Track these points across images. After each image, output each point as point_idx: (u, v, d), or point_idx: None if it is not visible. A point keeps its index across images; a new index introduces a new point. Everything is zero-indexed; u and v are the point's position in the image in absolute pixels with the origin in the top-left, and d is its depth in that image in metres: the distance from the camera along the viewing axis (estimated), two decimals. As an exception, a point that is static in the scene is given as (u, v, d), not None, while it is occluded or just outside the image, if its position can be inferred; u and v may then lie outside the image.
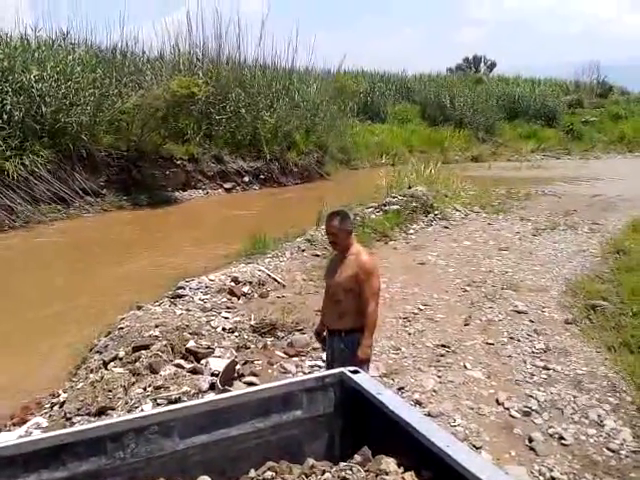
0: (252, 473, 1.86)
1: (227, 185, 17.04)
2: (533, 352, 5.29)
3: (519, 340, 5.58)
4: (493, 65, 52.65)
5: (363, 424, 1.95)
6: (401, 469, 1.72)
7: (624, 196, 14.73)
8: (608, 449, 3.70)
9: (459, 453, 1.54)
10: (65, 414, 3.96)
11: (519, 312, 6.36)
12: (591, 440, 3.82)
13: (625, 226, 10.89)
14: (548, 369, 4.91)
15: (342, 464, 1.81)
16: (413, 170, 14.91)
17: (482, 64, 52.91)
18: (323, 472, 1.80)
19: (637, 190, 15.01)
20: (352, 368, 2.12)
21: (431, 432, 1.65)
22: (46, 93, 13.59)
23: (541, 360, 5.11)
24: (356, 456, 1.84)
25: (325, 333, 3.82)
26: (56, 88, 13.86)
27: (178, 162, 16.06)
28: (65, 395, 4.36)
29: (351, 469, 1.79)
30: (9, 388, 4.80)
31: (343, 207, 5.05)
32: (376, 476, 1.73)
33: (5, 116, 12.57)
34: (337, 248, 3.77)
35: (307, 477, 1.80)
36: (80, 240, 11.26)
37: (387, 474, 1.72)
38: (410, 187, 12.98)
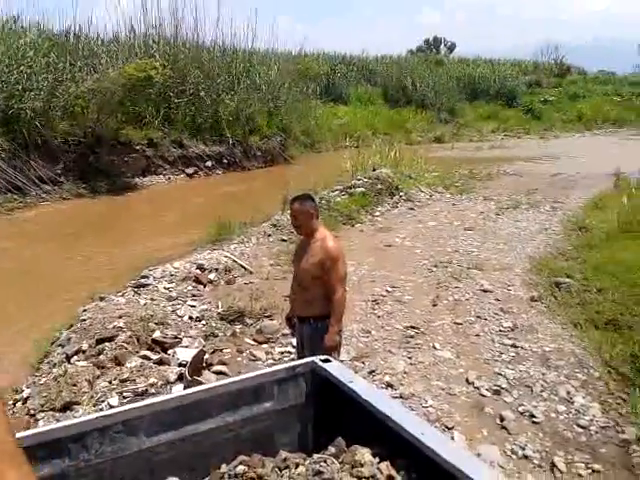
0: (224, 468, 1.80)
1: (189, 170, 16.71)
2: (501, 330, 5.34)
3: (486, 319, 5.63)
4: (453, 46, 53.09)
5: (336, 414, 1.90)
6: (376, 459, 1.68)
7: (583, 174, 15.02)
8: (578, 425, 3.75)
9: (433, 440, 1.51)
10: (29, 410, 3.83)
11: (485, 291, 6.42)
12: (561, 417, 3.86)
13: (586, 203, 11.10)
14: (516, 347, 4.96)
15: (316, 456, 1.76)
16: (377, 152, 14.90)
17: (442, 45, 53.30)
18: (297, 465, 1.75)
19: (596, 168, 15.30)
20: (323, 357, 2.07)
21: (404, 420, 1.62)
22: (-3, 79, 13.08)
23: (509, 338, 5.16)
24: (330, 447, 1.79)
25: (295, 319, 3.76)
26: (7, 73, 13.33)
27: (137, 147, 15.64)
28: (28, 390, 4.21)
29: (325, 461, 1.74)
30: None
31: (308, 190, 4.97)
32: (352, 467, 1.69)
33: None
34: (300, 232, 3.72)
35: (281, 470, 1.75)
36: (36, 230, 10.91)
37: (362, 465, 1.68)
38: (375, 169, 12.95)
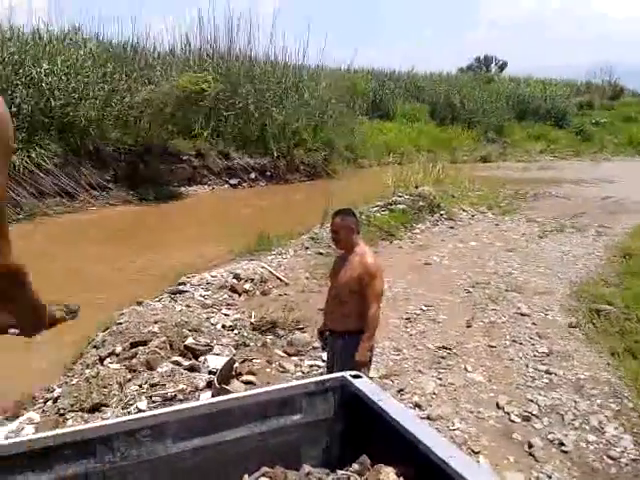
0: (246, 478, 1.85)
1: (233, 181, 17.03)
2: (535, 356, 5.25)
3: (522, 343, 5.54)
4: (504, 65, 52.48)
5: (363, 431, 1.92)
6: (401, 479, 1.70)
7: (633, 199, 14.61)
8: (608, 457, 3.66)
9: (461, 465, 1.51)
10: (59, 409, 3.95)
11: (522, 315, 6.32)
12: (591, 447, 3.78)
13: (633, 230, 10.80)
14: (550, 373, 4.87)
15: (339, 472, 1.78)
16: (420, 169, 14.85)
17: (493, 64, 52.75)
18: (319, 479, 1.78)
19: (646, 193, 14.87)
20: (354, 373, 2.09)
21: (433, 442, 1.62)
22: (55, 87, 13.64)
23: (543, 364, 5.06)
24: (354, 464, 1.81)
25: (327, 333, 3.81)
26: (66, 82, 13.92)
27: (185, 157, 16.05)
28: (59, 390, 4.35)
29: (348, 478, 1.77)
30: (2, 381, 4.80)
31: (349, 205, 5.02)
32: (375, 486, 1.71)
33: (14, 109, 12.58)
34: (340, 246, 3.77)
35: (303, 484, 1.78)
36: (84, 233, 11.28)
37: (386, 484, 1.70)
38: (417, 186, 12.92)
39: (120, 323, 5.43)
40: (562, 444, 3.80)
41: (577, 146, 29.75)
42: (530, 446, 3.78)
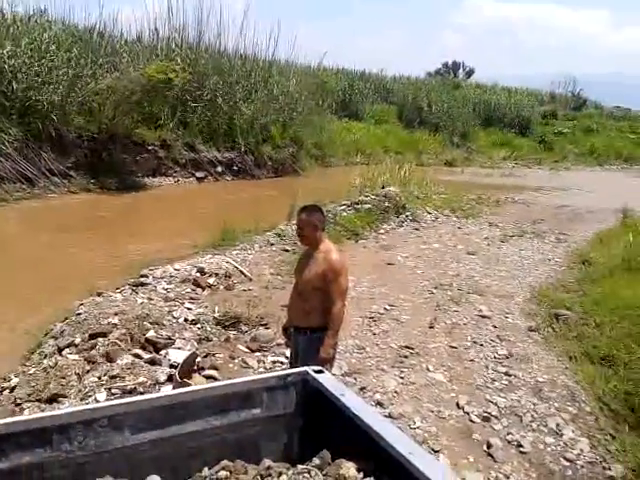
0: (205, 472, 1.80)
1: (199, 174, 16.81)
2: (495, 357, 5.33)
3: (482, 345, 5.61)
4: (471, 72, 53.22)
5: (324, 426, 1.90)
6: (361, 474, 1.68)
7: (591, 208, 14.99)
8: (565, 459, 3.73)
9: (421, 461, 1.50)
10: (15, 399, 3.82)
11: (484, 317, 6.41)
12: (549, 449, 3.84)
13: (591, 238, 11.07)
14: (509, 375, 4.95)
15: (300, 466, 1.76)
16: (387, 170, 14.95)
17: (461, 70, 53.42)
18: (280, 474, 1.74)
19: (604, 203, 15.28)
20: (316, 368, 2.06)
21: (394, 438, 1.61)
22: (18, 69, 13.23)
23: (503, 366, 5.14)
24: (315, 459, 1.79)
25: (291, 329, 3.77)
26: (29, 65, 13.50)
27: (150, 148, 15.76)
28: (16, 380, 4.21)
29: (309, 472, 1.73)
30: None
31: (315, 202, 4.98)
32: (335, 480, 1.68)
33: (-27, 91, 12.18)
34: (305, 242, 3.73)
35: (263, 478, 1.74)
36: (43, 221, 10.97)
37: (346, 479, 1.68)
38: (383, 187, 12.99)
39: (79, 314, 5.29)
40: (520, 445, 3.85)
41: (539, 154, 30.44)
42: (489, 446, 3.82)
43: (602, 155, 31.98)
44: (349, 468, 1.71)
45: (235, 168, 17.83)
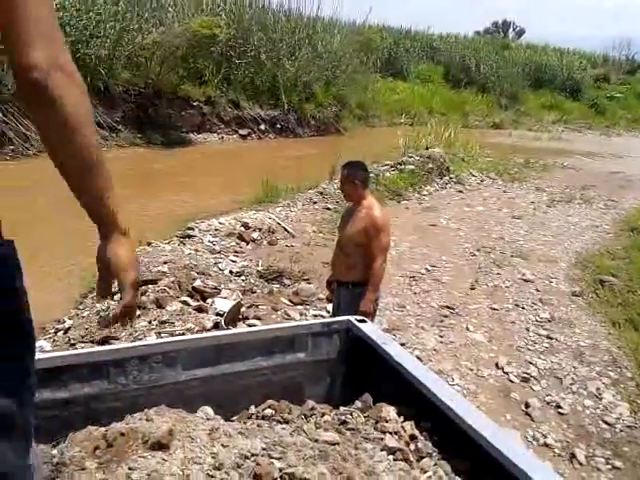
0: (252, 409, 1.88)
1: (242, 131, 16.85)
2: (537, 321, 5.29)
3: (524, 308, 5.57)
4: (522, 32, 51.24)
5: (366, 373, 1.94)
6: (401, 418, 1.72)
7: (642, 176, 14.48)
8: (604, 422, 3.71)
9: (461, 407, 1.53)
10: (69, 340, 4.01)
11: (526, 280, 6.34)
12: (587, 411, 3.83)
13: (641, 205, 10.74)
14: (551, 338, 4.91)
15: (342, 408, 1.82)
16: (432, 131, 14.69)
17: (511, 29, 51.53)
18: (323, 414, 1.80)
19: (657, 170, 14.74)
20: (359, 317, 2.10)
21: (434, 385, 1.64)
22: (66, 23, 13.33)
23: (544, 329, 5.10)
24: (357, 402, 1.84)
25: (334, 284, 3.82)
26: (77, 19, 13.60)
27: (195, 103, 15.84)
28: (70, 322, 4.40)
29: (351, 414, 1.79)
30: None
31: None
32: (376, 422, 1.73)
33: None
34: (347, 198, 3.78)
35: (306, 418, 1.81)
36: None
37: (387, 421, 1.72)
38: (427, 148, 12.80)
39: (130, 261, 5.44)
40: (559, 407, 3.85)
41: (590, 119, 29.35)
42: (527, 406, 3.84)
43: (656, 121, 30.61)
44: (389, 411, 1.75)
45: (278, 126, 17.79)
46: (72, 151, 0.97)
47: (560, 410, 3.82)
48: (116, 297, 1.22)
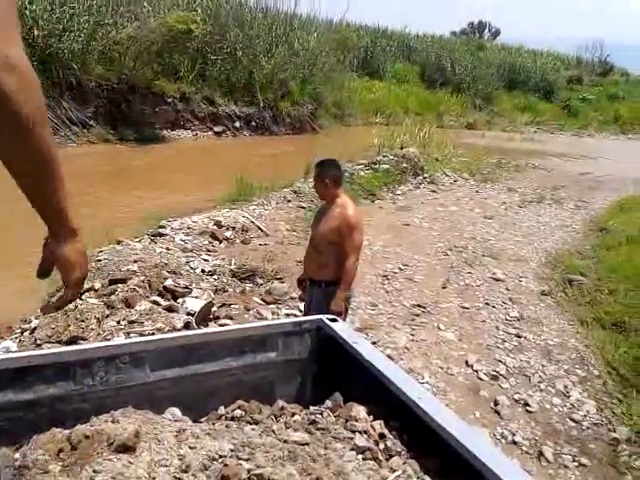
0: (221, 410, 1.86)
1: (217, 128, 16.75)
2: (507, 319, 5.37)
3: (494, 307, 5.65)
4: (497, 33, 51.90)
5: (336, 372, 1.95)
6: (371, 417, 1.73)
7: (613, 176, 14.77)
8: (571, 419, 3.79)
9: (430, 406, 1.54)
10: (35, 340, 3.93)
11: (497, 280, 6.43)
12: (555, 409, 3.90)
13: (610, 206, 10.96)
14: (520, 337, 4.99)
15: (312, 408, 1.81)
16: (407, 131, 14.79)
17: (487, 30, 52.11)
18: (293, 414, 1.80)
19: (626, 172, 15.05)
20: (330, 316, 2.11)
21: (404, 384, 1.65)
22: (39, 16, 13.10)
23: (514, 328, 5.18)
24: (327, 401, 1.84)
25: (306, 282, 3.82)
26: (50, 12, 13.37)
27: (169, 100, 15.70)
28: (37, 322, 4.32)
29: (321, 413, 1.79)
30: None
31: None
32: (346, 422, 1.74)
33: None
34: (320, 196, 3.79)
35: (277, 418, 1.80)
36: (64, 169, 11.03)
37: (357, 421, 1.73)
38: (402, 148, 12.88)
39: (99, 260, 5.38)
40: (527, 404, 3.92)
41: (563, 120, 29.86)
42: (496, 404, 3.90)
43: (627, 123, 31.26)
44: (359, 411, 1.76)
45: (253, 124, 17.73)
46: (24, 152, 0.94)
47: (528, 408, 3.89)
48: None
